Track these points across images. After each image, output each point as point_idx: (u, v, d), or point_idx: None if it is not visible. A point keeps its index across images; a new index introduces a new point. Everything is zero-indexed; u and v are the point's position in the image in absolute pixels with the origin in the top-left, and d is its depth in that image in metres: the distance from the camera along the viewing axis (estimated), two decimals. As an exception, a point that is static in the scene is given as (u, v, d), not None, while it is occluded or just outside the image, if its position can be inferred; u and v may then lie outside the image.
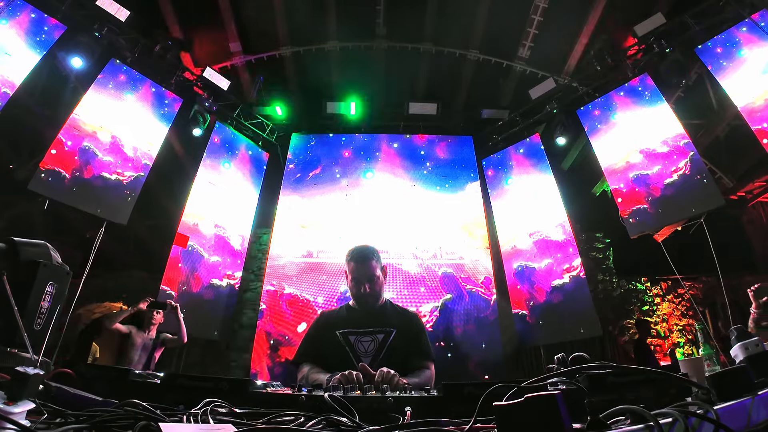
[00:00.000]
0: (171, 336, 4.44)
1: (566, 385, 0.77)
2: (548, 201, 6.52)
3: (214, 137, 6.68)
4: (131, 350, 4.20)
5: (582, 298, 5.56)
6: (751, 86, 4.99)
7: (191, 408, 0.87)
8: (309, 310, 5.61)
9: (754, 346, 1.00)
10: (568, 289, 5.65)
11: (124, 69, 5.85)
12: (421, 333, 2.02)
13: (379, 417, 0.90)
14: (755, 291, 3.74)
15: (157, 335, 4.38)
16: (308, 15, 6.79)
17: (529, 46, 7.09)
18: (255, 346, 5.57)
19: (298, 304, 5.65)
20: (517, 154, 7.19)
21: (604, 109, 6.33)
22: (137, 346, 4.23)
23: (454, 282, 6.13)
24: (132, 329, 4.29)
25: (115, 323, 4.23)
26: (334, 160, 7.31)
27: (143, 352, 4.24)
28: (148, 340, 4.30)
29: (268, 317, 5.69)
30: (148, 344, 4.29)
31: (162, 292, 5.22)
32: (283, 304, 5.73)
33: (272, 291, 5.88)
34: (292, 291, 5.78)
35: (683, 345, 6.81)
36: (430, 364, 1.94)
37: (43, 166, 4.78)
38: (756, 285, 3.78)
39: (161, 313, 4.38)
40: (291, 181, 7.12)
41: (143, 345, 4.27)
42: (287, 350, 5.37)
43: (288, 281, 5.91)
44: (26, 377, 0.70)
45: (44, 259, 0.95)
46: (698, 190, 5.12)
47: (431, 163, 7.29)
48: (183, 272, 5.69)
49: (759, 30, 4.97)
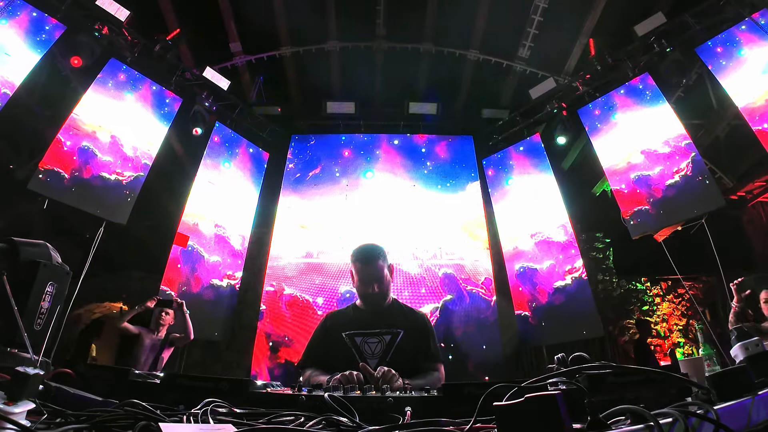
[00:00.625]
0: (179, 335, 4.46)
1: (566, 385, 0.77)
2: (549, 201, 6.52)
3: (214, 137, 6.68)
4: (139, 351, 4.22)
5: (584, 299, 5.55)
6: (751, 86, 4.99)
7: (191, 408, 0.87)
8: (309, 311, 5.59)
9: (754, 346, 1.00)
10: (570, 291, 5.64)
11: (124, 69, 5.85)
12: (430, 334, 1.96)
13: (379, 417, 0.90)
14: (738, 285, 3.77)
15: (166, 335, 4.40)
16: (308, 15, 6.79)
17: (529, 46, 7.08)
18: (255, 348, 5.56)
19: (298, 306, 5.62)
20: (517, 153, 7.19)
21: (604, 109, 6.33)
22: (145, 347, 4.24)
23: (454, 283, 6.13)
24: (142, 330, 4.32)
25: (124, 322, 4.24)
26: (334, 159, 7.31)
27: (150, 353, 4.25)
28: (156, 341, 4.32)
29: (267, 319, 5.67)
30: (156, 344, 4.31)
31: (162, 292, 5.22)
32: (283, 306, 5.71)
33: (272, 292, 5.87)
34: (291, 292, 5.76)
35: (683, 345, 6.81)
36: (439, 366, 1.89)
37: (42, 166, 4.78)
38: (739, 279, 3.82)
39: (171, 314, 4.41)
40: (291, 181, 7.12)
41: (151, 345, 4.28)
42: (287, 351, 5.35)
43: (288, 282, 5.90)
44: (26, 377, 0.70)
45: (44, 259, 0.95)
46: (700, 190, 5.11)
47: (431, 163, 7.29)
48: (183, 273, 5.69)
49: (759, 30, 4.97)
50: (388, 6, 6.83)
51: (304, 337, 5.30)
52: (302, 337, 5.40)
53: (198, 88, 6.62)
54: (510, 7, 6.70)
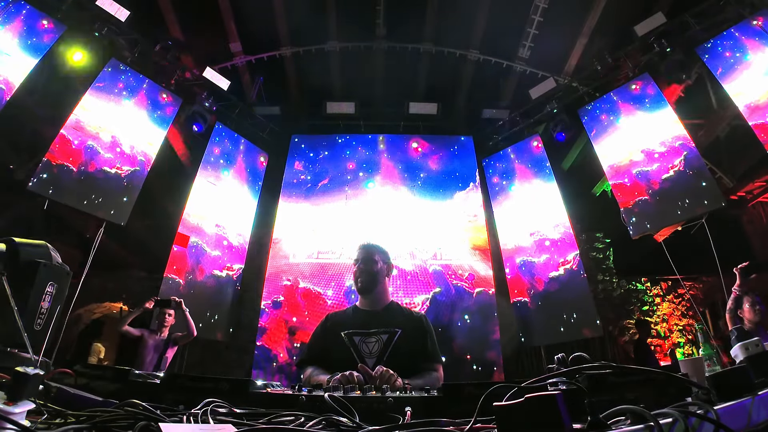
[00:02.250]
0: (181, 333, 4.48)
1: (566, 385, 0.77)
2: (549, 201, 6.55)
3: (213, 137, 6.68)
4: (143, 352, 4.23)
5: (575, 287, 5.95)
6: (751, 86, 4.99)
7: (191, 408, 0.87)
8: (320, 301, 6.19)
9: (754, 346, 1.00)
10: (563, 280, 6.12)
11: (123, 69, 5.85)
12: (428, 334, 1.97)
13: (379, 417, 0.90)
14: (743, 268, 3.60)
15: (169, 335, 4.41)
16: (308, 15, 6.79)
17: (529, 46, 7.08)
18: (275, 332, 6.07)
19: (311, 296, 6.25)
20: (517, 153, 7.20)
21: (604, 108, 6.35)
22: (149, 348, 4.25)
23: (446, 280, 6.28)
24: (144, 332, 4.33)
25: (125, 325, 4.25)
26: (334, 159, 7.33)
27: (155, 354, 4.27)
28: (159, 342, 4.33)
29: (285, 308, 6.21)
30: (159, 345, 4.32)
31: (161, 293, 5.25)
32: (299, 296, 6.26)
33: (289, 285, 6.34)
34: (306, 285, 6.33)
35: (683, 345, 6.81)
36: (437, 366, 1.90)
37: (53, 161, 4.86)
38: (745, 263, 3.64)
39: (173, 314, 4.42)
40: (294, 183, 7.14)
41: (155, 346, 4.29)
42: (302, 334, 5.92)
43: (302, 276, 6.39)
44: (26, 377, 0.70)
45: (44, 259, 0.95)
46: (694, 186, 5.24)
47: (431, 163, 7.30)
48: (189, 264, 5.88)
49: (760, 30, 4.97)
50: (388, 6, 6.83)
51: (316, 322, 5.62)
52: (315, 322, 5.73)
53: (198, 88, 6.63)
54: (510, 8, 6.70)
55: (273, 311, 6.17)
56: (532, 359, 6.60)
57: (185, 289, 5.65)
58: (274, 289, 6.31)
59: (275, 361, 5.80)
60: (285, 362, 5.78)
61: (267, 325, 6.06)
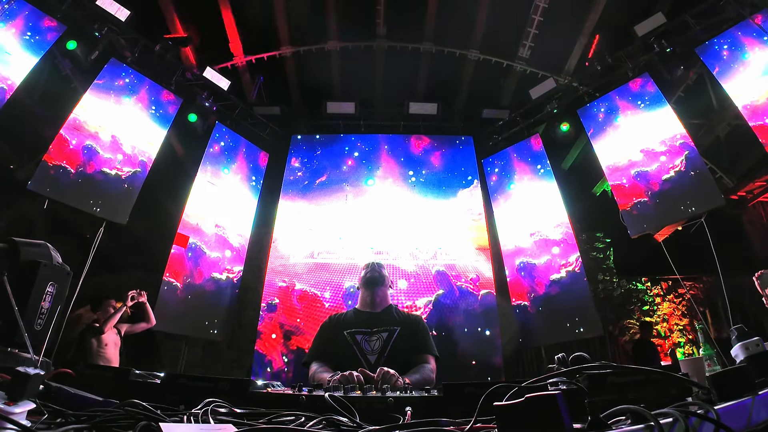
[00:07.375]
0: (131, 324, 4.41)
1: (566, 385, 0.77)
2: (549, 201, 6.54)
3: (214, 137, 6.68)
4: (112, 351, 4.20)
5: (577, 290, 5.82)
6: (752, 86, 4.99)
7: (192, 408, 0.87)
8: (317, 304, 5.95)
9: (754, 346, 1.00)
10: (565, 283, 6.00)
11: (124, 69, 5.85)
12: (424, 332, 2.14)
13: (379, 417, 0.90)
14: (760, 278, 3.65)
15: (117, 330, 4.35)
16: (308, 15, 6.79)
17: (529, 46, 7.08)
18: (269, 336, 5.85)
19: (307, 299, 6.02)
20: (517, 153, 7.19)
21: (604, 108, 6.34)
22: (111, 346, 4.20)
23: (450, 282, 6.21)
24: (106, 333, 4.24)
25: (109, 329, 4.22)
26: (334, 159, 7.31)
27: (115, 350, 4.23)
28: (116, 336, 4.29)
29: (281, 311, 6.00)
30: (117, 341, 4.28)
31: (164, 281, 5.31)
32: (294, 299, 6.06)
33: (284, 287, 6.14)
34: (302, 287, 6.12)
35: (683, 345, 6.81)
36: (430, 358, 2.01)
37: (50, 162, 4.83)
38: (759, 272, 3.70)
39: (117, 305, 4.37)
40: (291, 181, 7.12)
41: (114, 343, 4.24)
42: (298, 339, 5.72)
43: (298, 278, 6.21)
44: (27, 377, 0.70)
45: (44, 259, 0.95)
46: (696, 186, 5.20)
47: (431, 163, 7.29)
48: (187, 267, 5.84)
49: (760, 30, 4.96)
50: (388, 6, 6.83)
51: (313, 327, 5.60)
52: (311, 327, 5.70)
53: (198, 88, 6.62)
54: (510, 7, 6.70)
55: (267, 314, 5.93)
56: (533, 359, 6.60)
57: (183, 293, 5.58)
58: (270, 291, 6.11)
59: (269, 367, 5.60)
60: (279, 369, 5.55)
61: (261, 329, 5.83)
